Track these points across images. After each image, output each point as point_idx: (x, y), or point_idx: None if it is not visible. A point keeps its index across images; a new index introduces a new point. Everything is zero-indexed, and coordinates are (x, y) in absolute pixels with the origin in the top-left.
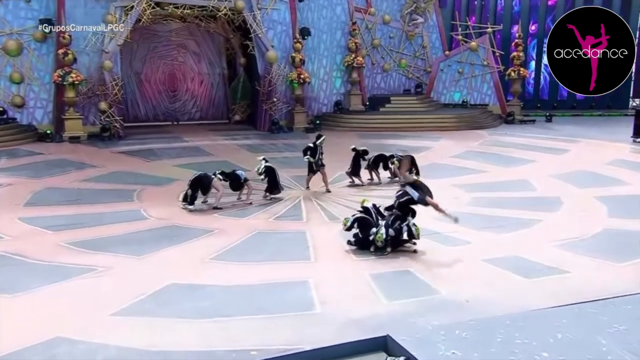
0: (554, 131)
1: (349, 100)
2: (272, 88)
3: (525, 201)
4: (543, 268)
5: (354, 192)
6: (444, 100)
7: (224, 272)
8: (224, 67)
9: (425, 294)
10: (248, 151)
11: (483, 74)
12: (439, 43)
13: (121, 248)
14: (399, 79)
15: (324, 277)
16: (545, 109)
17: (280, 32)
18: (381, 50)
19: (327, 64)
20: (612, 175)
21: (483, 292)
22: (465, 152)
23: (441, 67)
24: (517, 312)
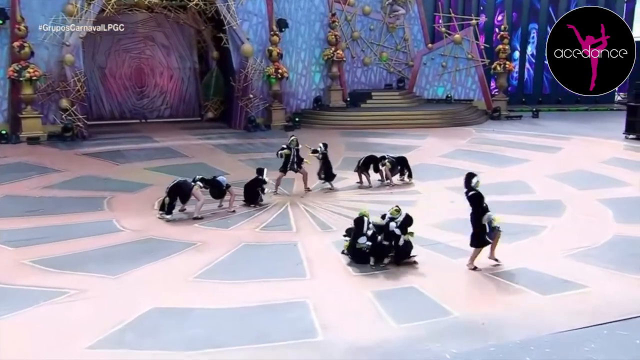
0: (542, 127)
1: (329, 96)
2: (248, 84)
3: (525, 205)
4: (558, 282)
5: (344, 197)
6: (427, 96)
7: (211, 292)
8: (195, 61)
9: (436, 315)
10: (225, 152)
11: (467, 68)
12: (420, 35)
13: (94, 266)
14: (380, 73)
15: (323, 296)
16: (530, 104)
17: (256, 24)
18: (361, 43)
19: (305, 58)
20: (610, 175)
21: (498, 312)
22: (455, 151)
23: (424, 61)
24: (541, 336)
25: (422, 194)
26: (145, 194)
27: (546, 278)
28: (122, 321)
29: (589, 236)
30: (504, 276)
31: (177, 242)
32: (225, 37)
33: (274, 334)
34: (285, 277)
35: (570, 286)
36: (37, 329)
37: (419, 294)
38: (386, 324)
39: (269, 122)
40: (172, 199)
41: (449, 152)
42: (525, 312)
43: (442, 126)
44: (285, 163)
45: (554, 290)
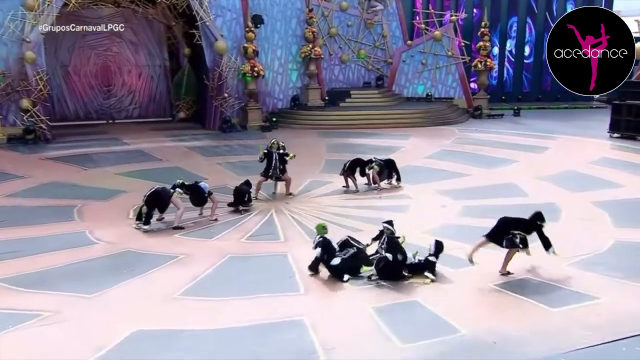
0: (525, 126)
1: (307, 95)
2: (223, 82)
3: (520, 209)
4: (566, 294)
5: (330, 203)
6: (407, 94)
7: (199, 311)
8: (166, 59)
9: (444, 333)
10: (201, 154)
11: (447, 65)
12: (399, 32)
13: (67, 284)
14: (359, 71)
15: (321, 313)
16: (510, 102)
17: (230, 20)
18: (339, 40)
19: (282, 55)
20: (601, 176)
21: (508, 328)
22: (440, 152)
23: (403, 58)
24: (558, 355)
25: (412, 198)
26: (118, 201)
27: (552, 289)
28: (102, 347)
29: (589, 242)
30: (509, 287)
31: (157, 255)
32: (198, 34)
33: (271, 358)
34: (278, 292)
35: (579, 298)
36: (7, 357)
37: (422, 309)
38: (391, 343)
39: (245, 123)
40: (150, 208)
41: (434, 153)
42: (537, 328)
43: (424, 125)
44: (267, 167)
45: (563, 303)
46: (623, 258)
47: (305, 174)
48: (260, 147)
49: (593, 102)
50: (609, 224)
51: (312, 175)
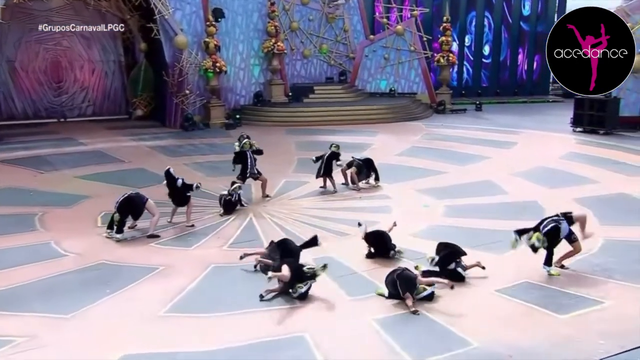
0: (488, 121)
1: (270, 91)
2: (184, 78)
3: (503, 208)
4: (571, 298)
5: (310, 205)
6: (370, 89)
7: (190, 330)
8: (121, 54)
9: (455, 346)
10: (164, 155)
11: (410, 60)
12: (360, 26)
13: (40, 304)
14: (321, 66)
15: (321, 327)
16: (470, 97)
17: (189, 14)
18: (300, 35)
19: (243, 50)
20: (573, 171)
21: (522, 339)
22: (411, 149)
23: (366, 53)
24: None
25: (392, 198)
26: (83, 208)
27: (554, 293)
28: None
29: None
30: (510, 293)
31: (134, 267)
32: (156, 28)
33: None
34: (273, 305)
35: (584, 302)
36: None
37: (427, 320)
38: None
39: (208, 120)
40: (122, 216)
41: (405, 150)
42: (549, 338)
43: (390, 121)
44: (243, 169)
45: (570, 309)
46: (617, 258)
47: (278, 174)
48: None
49: (549, 96)
50: (594, 222)
51: (286, 176)
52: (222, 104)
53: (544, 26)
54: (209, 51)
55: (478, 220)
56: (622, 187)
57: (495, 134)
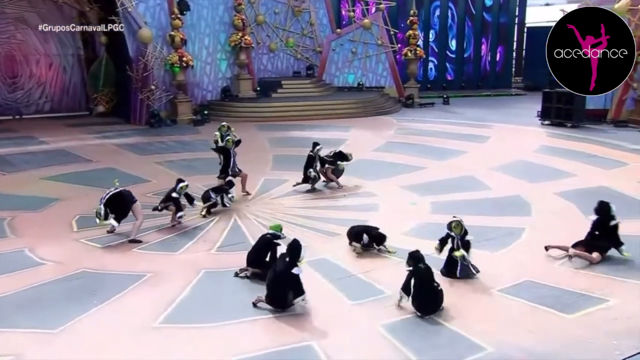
0: (457, 115)
1: (238, 86)
2: (149, 73)
3: (489, 204)
4: (575, 297)
5: (294, 204)
6: (338, 83)
7: (190, 343)
8: (80, 47)
9: (470, 352)
10: (134, 153)
11: (377, 54)
12: (326, 20)
13: (23, 318)
14: (287, 60)
15: (328, 335)
16: (436, 90)
17: (153, 6)
18: (266, 28)
19: (209, 44)
20: (550, 165)
21: (534, 341)
22: (387, 144)
23: (333, 47)
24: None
25: (377, 195)
26: (54, 211)
27: (557, 292)
28: None
29: (570, 237)
30: (513, 293)
31: (119, 275)
32: (118, 20)
33: None
34: (273, 312)
35: (589, 301)
36: None
37: (435, 324)
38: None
39: (175, 116)
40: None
41: (382, 145)
42: (561, 339)
43: (360, 116)
44: (224, 166)
45: (575, 308)
46: (613, 253)
47: (256, 171)
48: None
49: (512, 90)
50: (580, 216)
51: (264, 174)
52: (189, 100)
53: (507, 17)
54: (175, 45)
55: (466, 217)
56: (600, 181)
57: (468, 128)
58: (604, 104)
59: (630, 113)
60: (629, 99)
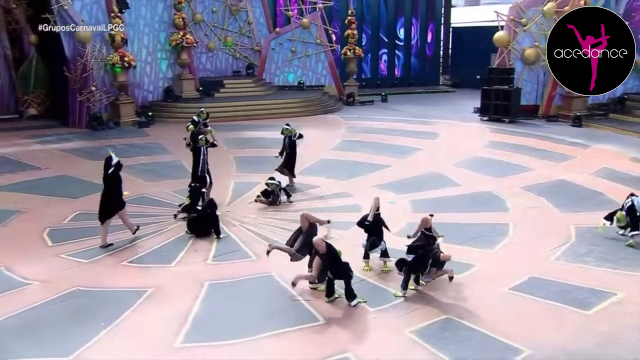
0: (399, 112)
1: (181, 86)
2: (89, 74)
3: (466, 200)
4: (584, 292)
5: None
6: (278, 82)
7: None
8: (7, 47)
9: (509, 356)
10: (85, 159)
11: (317, 53)
12: (263, 19)
13: (27, 346)
14: (226, 59)
15: (361, 344)
16: (370, 88)
17: (89, 4)
18: (204, 27)
19: (149, 44)
20: (506, 160)
21: (564, 340)
22: (342, 143)
23: (272, 46)
24: None
25: (354, 196)
26: (19, 224)
27: (567, 287)
28: None
29: (554, 232)
30: (525, 290)
31: (118, 291)
32: (53, 19)
33: None
34: (296, 324)
35: (599, 295)
36: None
37: (462, 328)
38: None
39: (117, 118)
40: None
41: (338, 144)
42: (591, 337)
43: (305, 114)
44: (195, 168)
45: (590, 303)
46: (598, 246)
47: (223, 174)
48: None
49: (440, 87)
50: (553, 209)
51: (232, 176)
52: (132, 101)
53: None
54: (115, 45)
55: (450, 215)
56: (558, 175)
57: (414, 125)
58: (535, 100)
59: (559, 108)
60: (557, 95)
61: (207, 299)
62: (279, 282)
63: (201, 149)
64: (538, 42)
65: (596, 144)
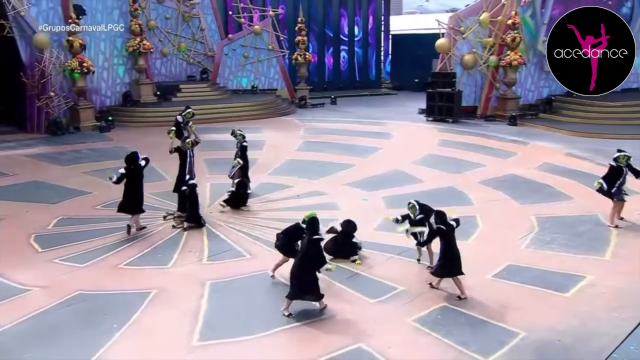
0: (350, 114)
1: (139, 91)
2: (47, 80)
3: (432, 195)
4: (557, 276)
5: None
6: (232, 86)
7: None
8: None
9: (509, 338)
10: (52, 164)
11: (269, 59)
12: (215, 25)
13: (44, 351)
14: (180, 65)
15: (370, 335)
16: (317, 91)
17: (46, 10)
18: (158, 33)
19: (106, 50)
20: (459, 157)
21: (554, 321)
22: (305, 144)
23: (225, 52)
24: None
25: (328, 194)
26: (1, 231)
27: (542, 273)
28: None
29: (518, 222)
30: (508, 277)
31: (123, 293)
32: (9, 25)
33: None
34: (303, 318)
35: (573, 279)
36: None
37: (460, 315)
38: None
39: (77, 123)
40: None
41: (301, 145)
42: (575, 317)
43: (262, 117)
44: (181, 171)
45: (566, 287)
46: (560, 234)
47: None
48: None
49: (382, 90)
50: (512, 202)
51: (206, 178)
52: (91, 106)
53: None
54: (74, 51)
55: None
56: (507, 169)
57: (367, 126)
58: (474, 101)
59: (495, 109)
60: (493, 97)
61: (212, 297)
62: (279, 279)
63: (187, 151)
64: (475, 49)
65: (533, 141)
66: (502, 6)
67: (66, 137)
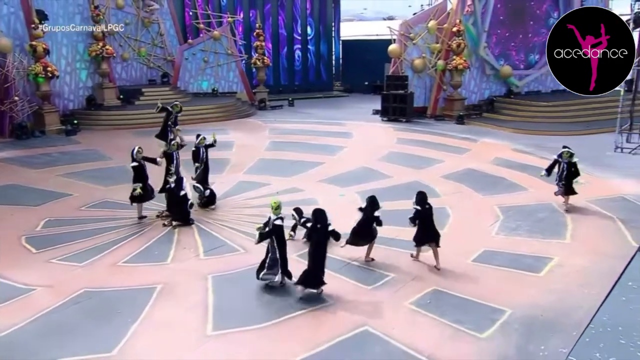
0: (309, 115)
1: (102, 95)
2: (11, 84)
3: (402, 189)
4: (528, 259)
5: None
6: (192, 89)
7: (258, 345)
8: None
9: (498, 316)
10: (26, 168)
11: (228, 63)
12: (173, 31)
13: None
14: (141, 69)
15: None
16: (273, 94)
17: (7, 14)
18: (118, 38)
19: (68, 54)
20: (419, 154)
21: (535, 298)
22: (273, 144)
23: (185, 56)
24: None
25: (305, 190)
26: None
27: (514, 256)
28: None
29: (484, 211)
30: (486, 261)
31: (129, 289)
32: None
33: None
34: (309, 305)
35: (542, 261)
36: None
37: (451, 297)
38: (475, 337)
39: (42, 127)
40: None
41: (269, 145)
42: (551, 293)
43: (224, 119)
44: (177, 167)
45: (538, 268)
46: (524, 221)
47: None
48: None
49: (334, 92)
50: (475, 193)
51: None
52: (56, 110)
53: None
54: (37, 55)
55: (392, 202)
56: (464, 164)
57: (328, 126)
58: (424, 102)
59: (444, 109)
60: (441, 98)
61: (218, 289)
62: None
63: (173, 154)
64: (424, 54)
65: (482, 138)
66: (448, 15)
67: (31, 141)
